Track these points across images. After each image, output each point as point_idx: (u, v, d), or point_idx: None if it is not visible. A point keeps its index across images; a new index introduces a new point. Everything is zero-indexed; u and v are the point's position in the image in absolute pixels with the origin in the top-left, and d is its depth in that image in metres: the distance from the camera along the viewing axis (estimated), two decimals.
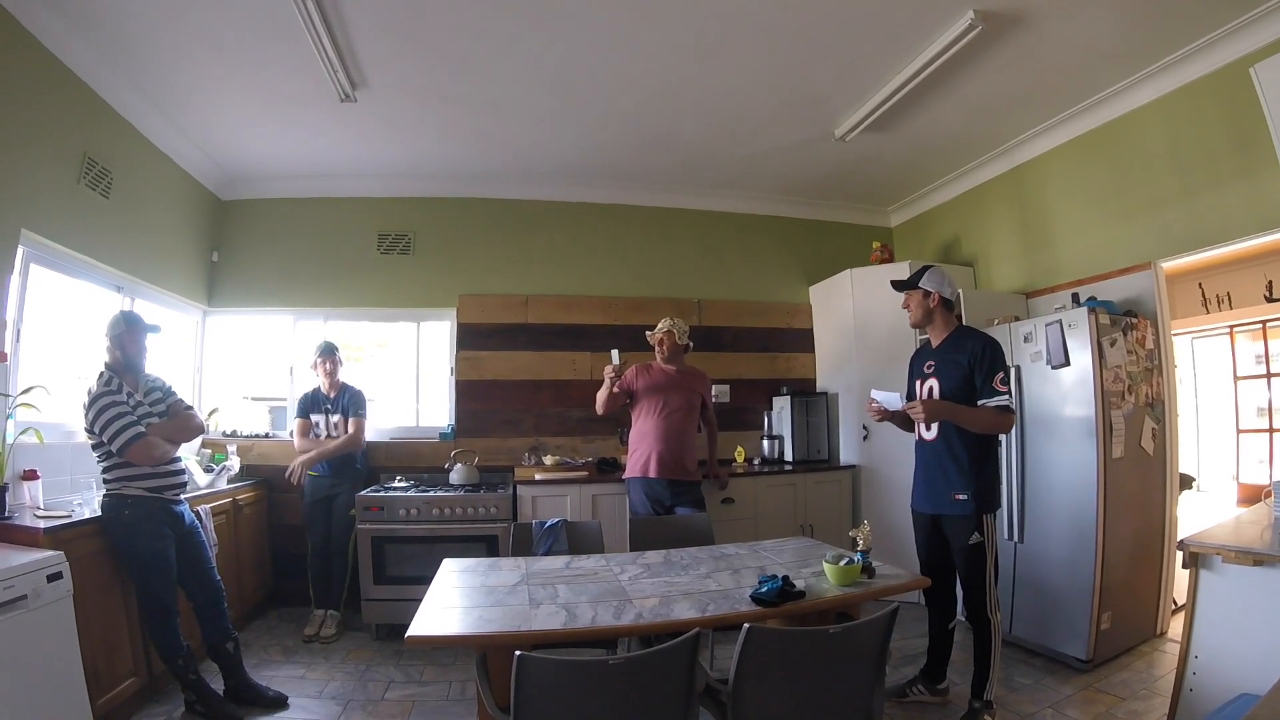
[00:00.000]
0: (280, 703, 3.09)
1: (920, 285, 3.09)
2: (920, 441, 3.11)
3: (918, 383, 3.17)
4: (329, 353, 4.44)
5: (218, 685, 3.07)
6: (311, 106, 4.02)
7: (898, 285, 3.21)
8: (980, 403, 2.87)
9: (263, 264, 5.08)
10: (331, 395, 4.44)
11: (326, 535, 4.26)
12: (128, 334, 2.96)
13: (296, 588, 4.40)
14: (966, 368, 2.93)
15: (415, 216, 5.28)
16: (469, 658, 3.40)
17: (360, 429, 4.40)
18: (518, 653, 1.56)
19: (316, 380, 4.49)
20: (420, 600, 2.16)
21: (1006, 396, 2.86)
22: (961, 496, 2.91)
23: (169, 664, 2.94)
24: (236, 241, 5.10)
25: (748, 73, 3.78)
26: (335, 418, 4.41)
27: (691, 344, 4.12)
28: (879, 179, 5.52)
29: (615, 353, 3.85)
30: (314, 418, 4.42)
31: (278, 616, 4.38)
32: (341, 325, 5.23)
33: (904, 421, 3.10)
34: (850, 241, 5.96)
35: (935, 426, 2.99)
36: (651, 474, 3.78)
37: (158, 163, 4.25)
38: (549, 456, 4.76)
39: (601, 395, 3.91)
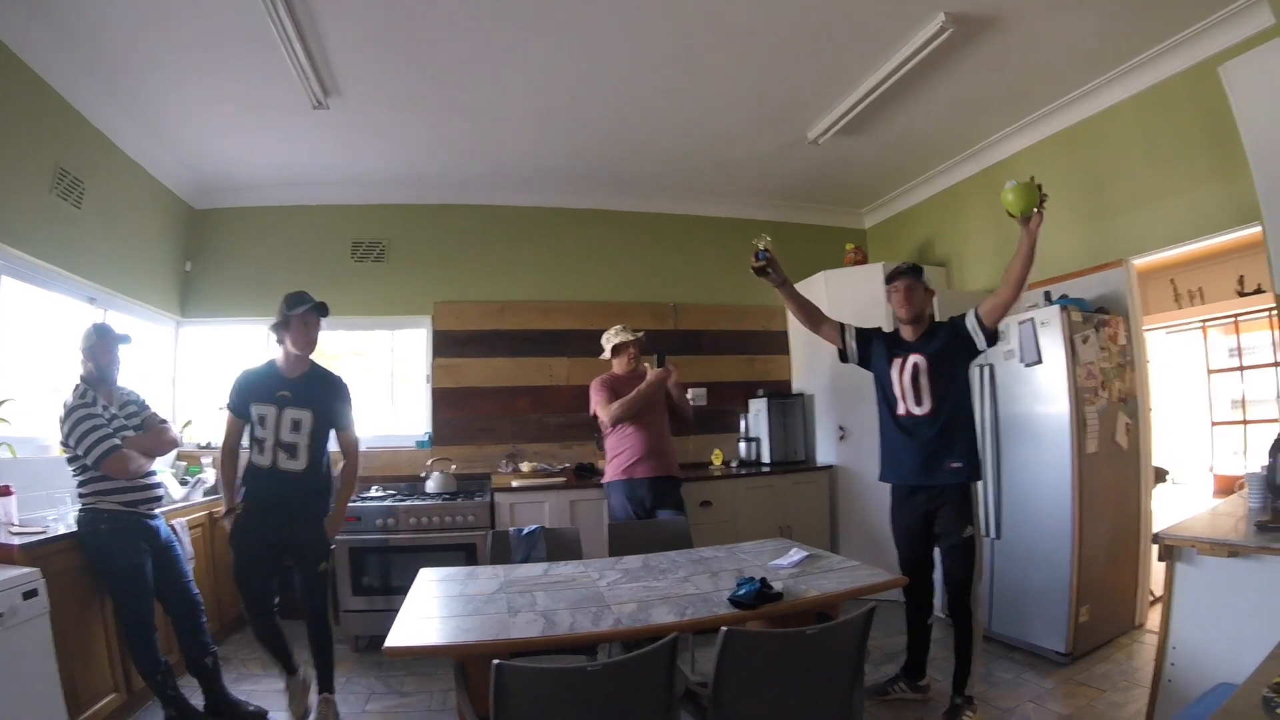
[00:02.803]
0: (260, 717, 3.05)
1: (924, 280, 3.08)
2: (910, 417, 3.03)
3: (896, 361, 3.08)
4: (319, 310, 3.11)
5: (200, 701, 3.03)
6: (285, 114, 3.99)
7: (906, 272, 3.08)
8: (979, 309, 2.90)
9: (236, 273, 5.03)
10: (294, 378, 3.08)
11: (267, 598, 3.09)
12: (100, 345, 2.93)
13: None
14: (950, 336, 2.97)
15: (389, 224, 5.25)
16: (450, 667, 3.39)
17: (358, 452, 3.29)
18: (495, 661, 1.56)
19: (277, 351, 3.14)
20: (399, 610, 2.15)
21: None
22: (957, 464, 2.94)
23: (148, 680, 2.90)
24: (210, 251, 5.05)
25: (726, 76, 3.81)
26: (296, 414, 3.02)
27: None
28: (852, 181, 5.58)
29: None
30: (258, 411, 3.00)
31: None
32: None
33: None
34: (824, 243, 5.98)
35: (929, 399, 2.97)
36: (639, 475, 3.76)
37: (130, 172, 4.20)
38: (526, 463, 4.76)
39: (625, 409, 3.75)
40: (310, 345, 3.10)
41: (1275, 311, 3.50)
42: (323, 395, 3.12)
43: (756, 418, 5.39)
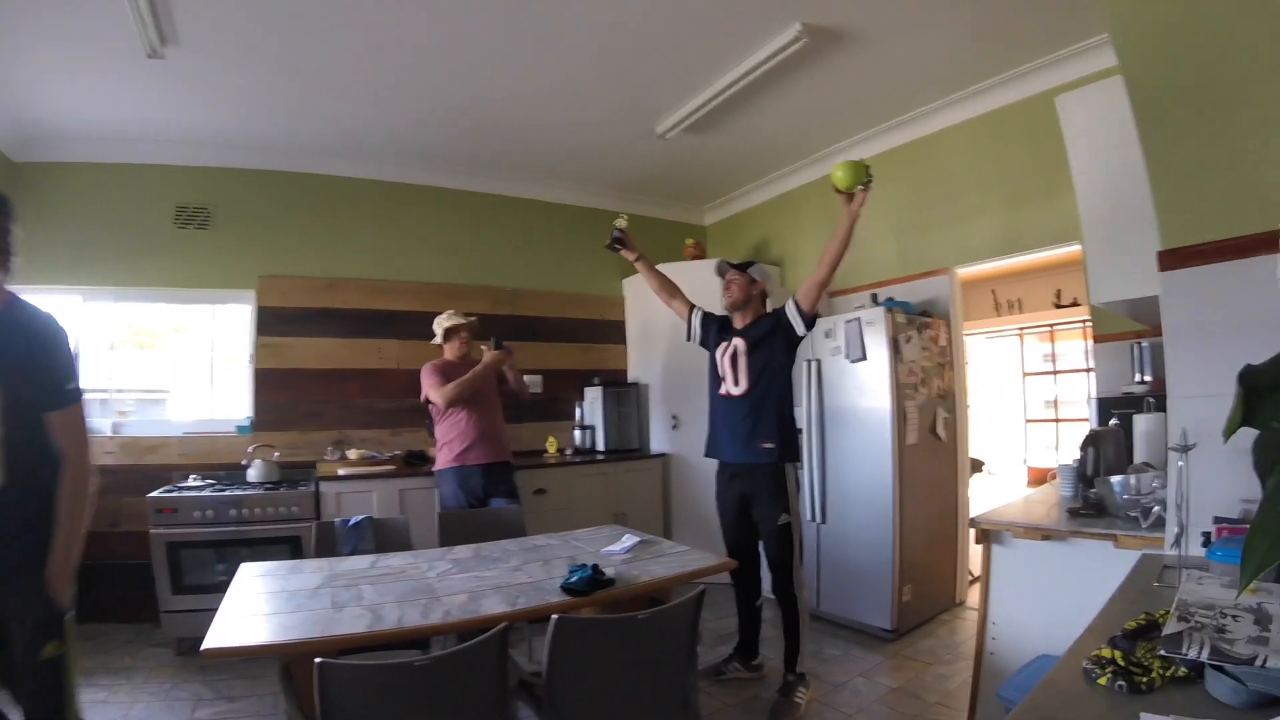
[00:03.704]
0: None
1: (750, 273, 3.29)
2: (729, 397, 3.22)
3: (723, 344, 3.27)
4: None
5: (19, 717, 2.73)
6: (117, 61, 3.56)
7: (733, 265, 3.34)
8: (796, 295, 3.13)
9: (52, 236, 4.40)
10: None
11: None
12: None
13: (94, 601, 3.93)
14: (772, 323, 3.17)
15: (217, 188, 4.76)
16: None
17: (87, 432, 1.98)
18: (317, 660, 1.52)
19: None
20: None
21: None
22: (768, 445, 3.10)
23: None
24: (25, 210, 4.37)
25: (580, 60, 3.75)
26: None
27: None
28: (695, 179, 5.74)
29: None
30: None
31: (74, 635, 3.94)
32: (134, 307, 4.70)
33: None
34: (665, 237, 6.07)
35: (745, 380, 3.16)
36: (472, 461, 3.72)
37: None
38: (354, 450, 4.57)
39: (461, 389, 3.70)
40: None
41: (1088, 322, 3.94)
42: (16, 352, 1.86)
43: (592, 406, 5.43)
